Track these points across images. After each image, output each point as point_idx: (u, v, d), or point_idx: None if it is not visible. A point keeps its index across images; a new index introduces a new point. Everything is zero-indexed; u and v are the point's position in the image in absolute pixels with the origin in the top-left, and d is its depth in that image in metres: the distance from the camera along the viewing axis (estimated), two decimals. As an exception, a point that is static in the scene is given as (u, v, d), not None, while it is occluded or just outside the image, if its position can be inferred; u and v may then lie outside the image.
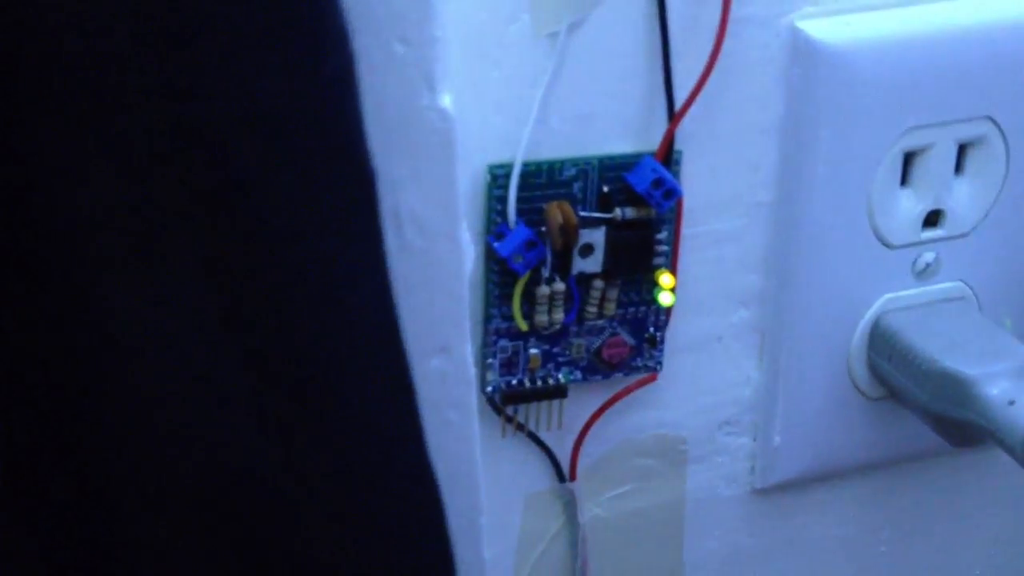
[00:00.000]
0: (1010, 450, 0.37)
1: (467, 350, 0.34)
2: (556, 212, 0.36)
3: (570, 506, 0.43)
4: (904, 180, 0.41)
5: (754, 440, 0.44)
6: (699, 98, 0.36)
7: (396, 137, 0.31)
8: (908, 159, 0.40)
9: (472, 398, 0.35)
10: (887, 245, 0.41)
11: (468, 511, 0.37)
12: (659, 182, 0.36)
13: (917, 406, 0.41)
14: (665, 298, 0.39)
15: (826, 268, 0.41)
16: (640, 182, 0.37)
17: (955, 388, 0.39)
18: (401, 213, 0.32)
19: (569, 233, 0.36)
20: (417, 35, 0.30)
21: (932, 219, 0.41)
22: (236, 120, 0.23)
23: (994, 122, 0.40)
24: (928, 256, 0.42)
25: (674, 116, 0.37)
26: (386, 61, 0.30)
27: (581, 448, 0.41)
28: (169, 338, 0.24)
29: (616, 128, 0.37)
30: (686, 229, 0.39)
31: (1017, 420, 0.37)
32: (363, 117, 0.26)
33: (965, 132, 0.40)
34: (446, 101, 0.31)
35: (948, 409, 0.39)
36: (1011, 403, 0.38)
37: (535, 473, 0.42)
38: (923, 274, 0.42)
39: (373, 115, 0.30)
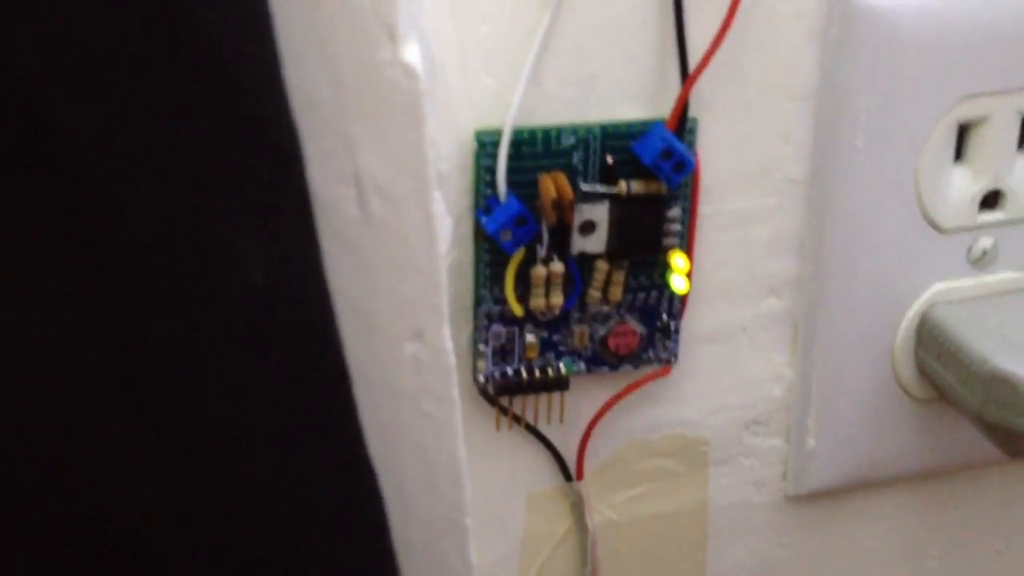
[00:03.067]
0: (1068, 466, 0.33)
1: (445, 335, 0.31)
2: (549, 185, 0.32)
3: (577, 507, 0.39)
4: (958, 156, 0.36)
5: (786, 442, 0.40)
6: (717, 59, 0.32)
7: (353, 94, 0.28)
8: (963, 132, 0.36)
9: (452, 388, 0.32)
10: (938, 229, 0.36)
11: (451, 511, 0.34)
12: (669, 153, 0.32)
13: (968, 410, 0.36)
14: (678, 283, 0.35)
15: (868, 253, 0.36)
16: (647, 153, 0.33)
17: (1010, 392, 0.34)
18: (363, 180, 0.29)
19: (564, 208, 0.32)
20: (373, -21, 0.26)
21: (990, 200, 0.37)
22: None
23: (1064, 91, 0.35)
24: (985, 242, 0.37)
25: (687, 79, 0.32)
26: (339, 9, 0.27)
27: (588, 445, 0.38)
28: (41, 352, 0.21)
29: (621, 91, 0.33)
30: (704, 207, 0.35)
31: (1078, 432, 0.32)
32: (278, 83, 0.23)
33: (1030, 102, 0.35)
34: (411, 55, 0.27)
35: (1001, 416, 0.35)
36: (1072, 412, 0.33)
37: (538, 471, 0.38)
38: (979, 262, 0.37)
39: (326, 68, 0.27)
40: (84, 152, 0.20)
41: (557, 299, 0.34)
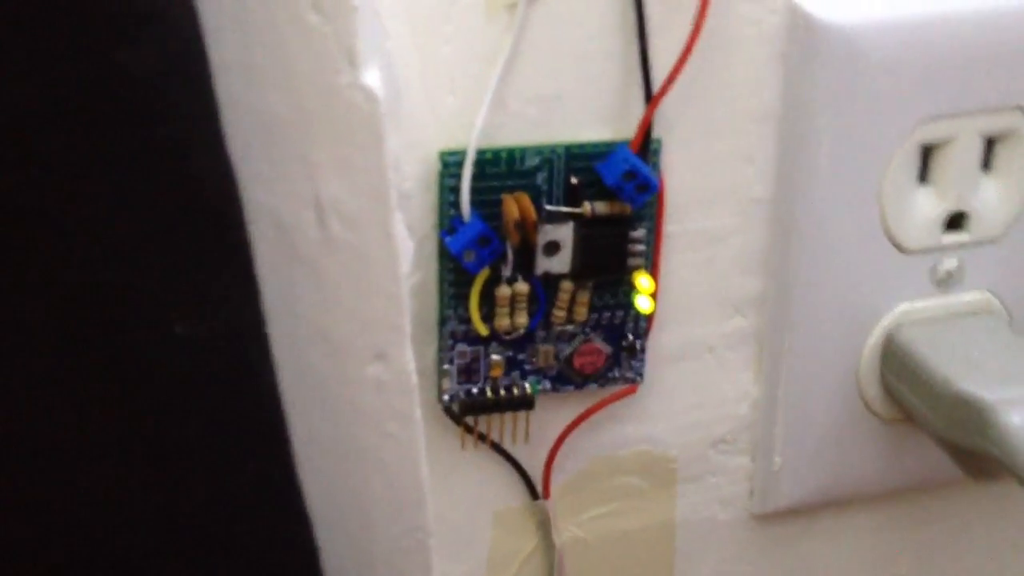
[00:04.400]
0: (1029, 488, 0.33)
1: (407, 356, 0.31)
2: (512, 206, 0.32)
3: (544, 525, 0.39)
4: (923, 176, 0.36)
5: (753, 460, 0.40)
6: (680, 80, 0.32)
7: (314, 118, 0.28)
8: (927, 153, 0.36)
9: (414, 408, 0.32)
10: (902, 250, 0.36)
11: (414, 531, 0.34)
12: (632, 174, 0.32)
13: (932, 432, 0.36)
14: (643, 303, 0.35)
15: (832, 273, 0.36)
16: (611, 174, 0.33)
17: (971, 414, 0.34)
18: (323, 203, 0.29)
19: (527, 229, 0.32)
20: (333, 4, 0.26)
21: (955, 222, 0.37)
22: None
23: (1027, 113, 0.35)
24: (949, 263, 0.37)
25: (651, 100, 0.32)
26: (299, 33, 0.27)
27: (554, 463, 0.38)
28: None
29: (586, 112, 0.33)
30: (670, 227, 0.35)
31: (1038, 454, 0.33)
32: (212, 134, 0.23)
33: (993, 124, 0.35)
34: (371, 79, 0.27)
35: (963, 437, 0.35)
36: (1033, 434, 0.33)
37: (504, 489, 0.38)
38: (944, 283, 0.37)
39: (286, 91, 0.27)
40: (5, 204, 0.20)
41: (522, 319, 0.34)
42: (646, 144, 0.33)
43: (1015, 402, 0.34)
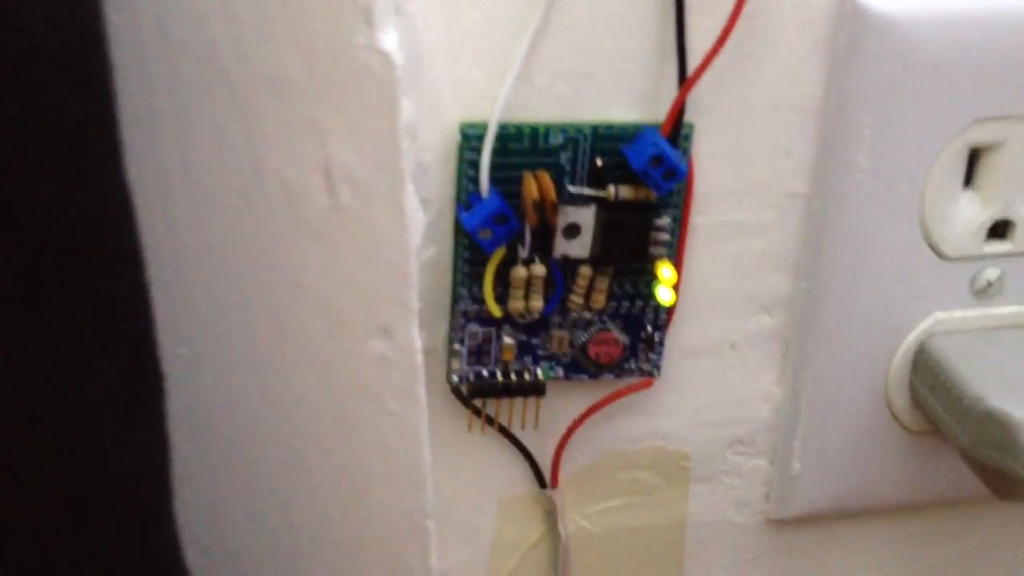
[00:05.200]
0: (1057, 515, 0.31)
1: (413, 333, 0.30)
2: (532, 185, 0.31)
3: (551, 515, 0.38)
4: (968, 181, 0.34)
5: (771, 464, 0.39)
6: (717, 64, 0.31)
7: (326, 80, 0.27)
8: (974, 156, 0.34)
9: (419, 387, 0.31)
10: (941, 256, 0.35)
11: (413, 512, 0.33)
12: (659, 159, 0.31)
13: (958, 447, 0.35)
14: (664, 294, 0.34)
15: (867, 276, 0.35)
16: (637, 158, 0.31)
17: (1001, 433, 0.33)
18: (332, 169, 0.28)
19: (546, 210, 0.31)
20: (350, -40, 0.25)
21: (999, 230, 0.35)
22: None
23: (1084, 120, 0.33)
24: (991, 273, 0.35)
25: (685, 83, 0.31)
26: (312, -13, 0.25)
27: (564, 453, 0.36)
28: None
29: (616, 92, 0.32)
30: (697, 217, 0.34)
31: (1069, 480, 0.31)
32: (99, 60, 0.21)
33: (1047, 130, 0.33)
34: (388, 42, 0.26)
35: (991, 456, 0.33)
36: (1065, 458, 0.31)
37: (511, 476, 0.37)
38: (983, 293, 0.36)
39: (297, 51, 0.26)
40: None
41: (537, 302, 0.33)
42: (677, 129, 0.31)
43: (1049, 423, 0.32)
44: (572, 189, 0.32)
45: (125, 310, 0.22)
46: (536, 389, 0.35)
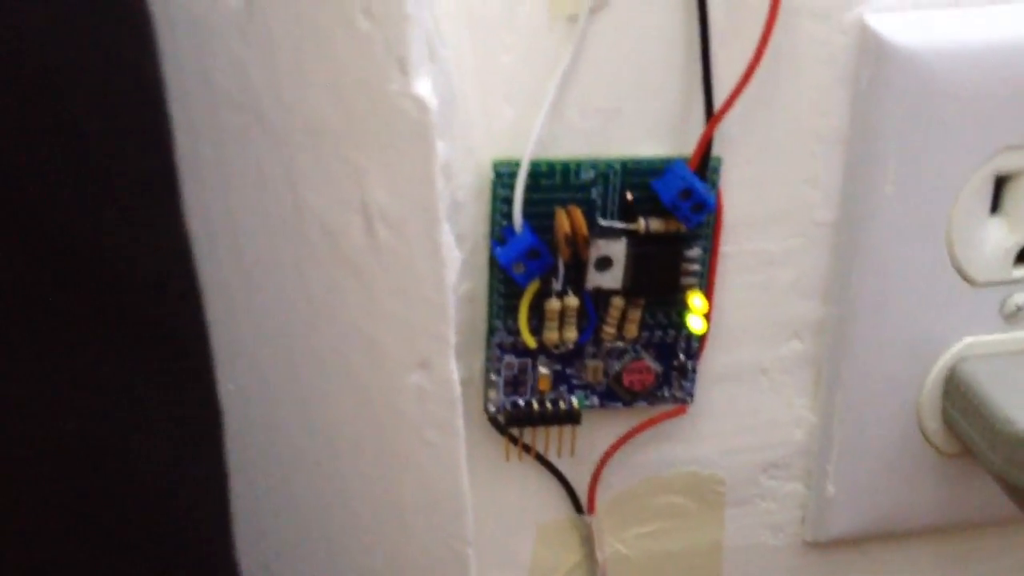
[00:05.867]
0: (1089, 537, 0.31)
1: (450, 365, 0.31)
2: (564, 220, 0.32)
3: (587, 540, 0.38)
4: (995, 208, 0.35)
5: (806, 487, 0.39)
6: (743, 99, 0.31)
7: (363, 124, 0.28)
8: (1000, 184, 0.34)
9: (457, 418, 0.32)
10: (970, 282, 0.35)
11: (452, 540, 0.34)
12: (688, 192, 0.32)
13: (991, 470, 0.35)
14: (696, 323, 0.34)
15: (896, 302, 0.35)
16: (667, 191, 0.32)
17: (1033, 456, 0.33)
18: (370, 209, 0.29)
19: (578, 244, 0.32)
20: (384, 10, 0.26)
21: (1028, 255, 0.35)
22: None
23: (1109, 146, 0.34)
24: (1020, 298, 0.36)
25: (712, 117, 0.32)
26: (350, 38, 0.27)
27: (600, 479, 0.37)
28: None
29: (644, 127, 0.32)
30: (727, 247, 0.34)
31: (1101, 503, 0.31)
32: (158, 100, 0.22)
33: (1072, 156, 0.34)
34: (422, 87, 0.27)
35: (1023, 478, 0.33)
36: (1096, 481, 0.32)
37: (548, 502, 0.38)
38: (1013, 317, 0.36)
39: (335, 97, 0.27)
40: None
41: (571, 333, 0.34)
42: (705, 162, 0.32)
43: (1080, 446, 0.32)
44: (603, 223, 0.33)
45: (191, 348, 0.23)
46: (572, 417, 0.35)
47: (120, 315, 0.21)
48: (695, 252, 0.33)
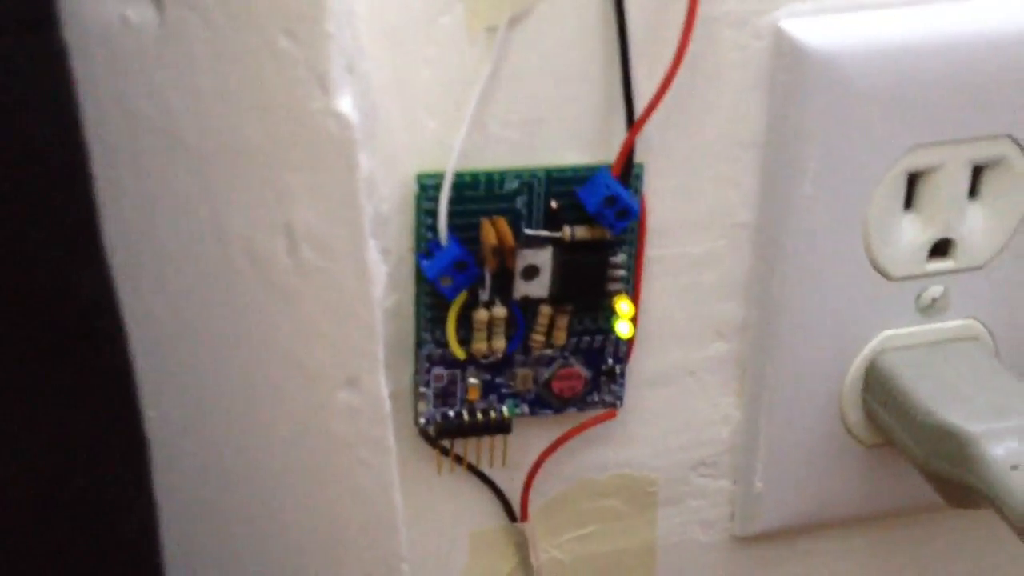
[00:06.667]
0: (1009, 522, 0.32)
1: (380, 382, 0.31)
2: (490, 231, 0.32)
3: (522, 547, 0.39)
4: (908, 204, 0.36)
5: (734, 484, 0.40)
6: (663, 105, 0.32)
7: (285, 144, 0.27)
8: (913, 180, 0.35)
9: (388, 435, 0.32)
10: (887, 276, 0.36)
11: (388, 557, 0.34)
12: (612, 199, 0.32)
13: (912, 460, 0.36)
14: (623, 328, 0.35)
15: (816, 299, 0.36)
16: (591, 199, 0.32)
17: (953, 445, 0.34)
18: (295, 228, 0.28)
19: (504, 254, 0.32)
20: (305, 30, 0.26)
21: (941, 248, 0.36)
22: None
23: (1015, 141, 0.35)
24: (935, 290, 0.37)
25: (633, 124, 0.32)
26: (271, 58, 0.26)
27: (532, 486, 0.37)
28: None
29: (567, 136, 0.32)
30: (651, 251, 0.35)
31: (1019, 488, 0.32)
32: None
33: (980, 152, 0.35)
34: (344, 105, 0.27)
35: (945, 467, 0.34)
36: (1014, 468, 0.33)
37: (481, 512, 0.38)
38: (928, 310, 0.37)
39: (256, 117, 0.27)
40: None
41: (500, 343, 0.34)
42: (628, 169, 0.32)
43: (998, 434, 0.33)
44: (529, 232, 0.33)
45: (116, 383, 0.22)
46: (502, 427, 0.35)
47: (43, 355, 0.21)
48: (620, 258, 0.34)
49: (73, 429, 0.22)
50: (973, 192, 0.36)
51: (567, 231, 0.33)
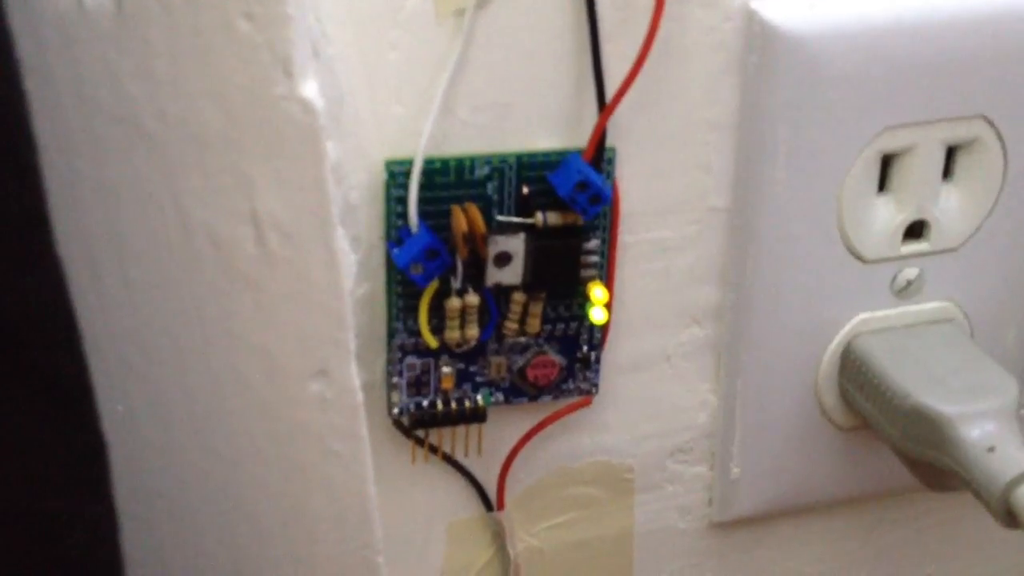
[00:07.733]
0: (986, 503, 0.32)
1: (351, 372, 0.30)
2: (461, 218, 0.31)
3: (499, 536, 0.38)
4: (882, 186, 0.35)
5: (711, 469, 0.39)
6: (634, 89, 0.31)
7: (248, 131, 0.27)
8: (887, 162, 0.35)
9: (360, 425, 0.31)
10: (861, 259, 0.36)
11: (362, 549, 0.33)
12: (585, 185, 0.31)
13: (888, 442, 0.36)
14: (597, 314, 0.34)
15: (790, 282, 0.36)
16: (563, 184, 0.32)
17: (929, 427, 0.34)
18: (261, 218, 0.28)
19: (476, 241, 0.31)
20: (265, 11, 0.25)
21: (915, 231, 0.36)
22: None
23: (989, 122, 0.35)
24: (909, 272, 0.36)
25: (605, 109, 0.32)
26: (230, 42, 0.26)
27: (508, 475, 0.37)
28: None
29: (538, 120, 0.32)
30: (625, 236, 0.34)
31: (995, 470, 0.32)
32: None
33: (954, 133, 0.35)
34: (309, 90, 0.26)
35: (920, 450, 0.34)
36: (990, 449, 0.33)
37: (458, 502, 0.37)
38: (903, 292, 0.37)
39: (218, 104, 0.26)
40: None
41: (473, 331, 0.33)
42: (600, 153, 0.32)
43: (974, 416, 0.33)
44: (501, 218, 0.32)
45: (65, 388, 0.22)
46: (477, 416, 0.35)
47: None
48: (593, 243, 0.33)
49: (10, 440, 0.21)
50: (947, 174, 0.36)
51: (539, 217, 0.32)
